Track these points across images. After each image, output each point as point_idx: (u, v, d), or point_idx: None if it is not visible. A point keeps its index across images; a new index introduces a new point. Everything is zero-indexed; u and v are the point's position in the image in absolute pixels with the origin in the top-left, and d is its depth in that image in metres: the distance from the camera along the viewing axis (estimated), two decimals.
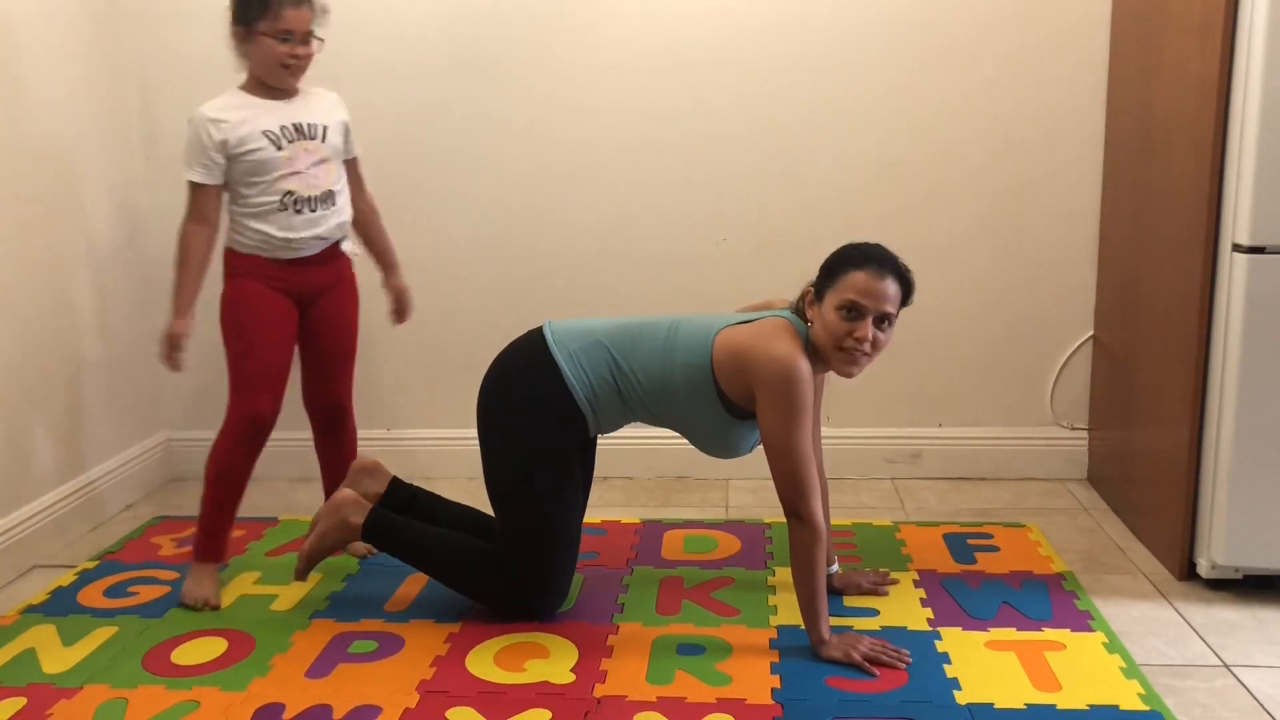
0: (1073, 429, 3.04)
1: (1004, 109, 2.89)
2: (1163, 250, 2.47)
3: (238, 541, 2.63)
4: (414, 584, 2.36)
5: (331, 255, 2.40)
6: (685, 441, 2.19)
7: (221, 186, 2.30)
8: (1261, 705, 1.86)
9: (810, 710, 1.84)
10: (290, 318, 2.37)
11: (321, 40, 2.33)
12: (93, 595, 2.37)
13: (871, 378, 2.15)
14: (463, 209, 3.03)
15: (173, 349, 2.32)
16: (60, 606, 2.31)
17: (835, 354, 1.99)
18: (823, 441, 2.98)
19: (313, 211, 2.33)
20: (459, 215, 3.03)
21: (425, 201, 3.04)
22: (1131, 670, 1.96)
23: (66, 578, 2.46)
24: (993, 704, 1.85)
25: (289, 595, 2.33)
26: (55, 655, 2.09)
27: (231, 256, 2.36)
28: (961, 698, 1.87)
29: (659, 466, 3.11)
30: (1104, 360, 2.92)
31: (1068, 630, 2.12)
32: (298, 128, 2.32)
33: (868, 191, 2.95)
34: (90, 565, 2.54)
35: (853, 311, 1.94)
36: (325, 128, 2.37)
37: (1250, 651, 2.05)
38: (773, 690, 1.91)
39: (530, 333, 2.18)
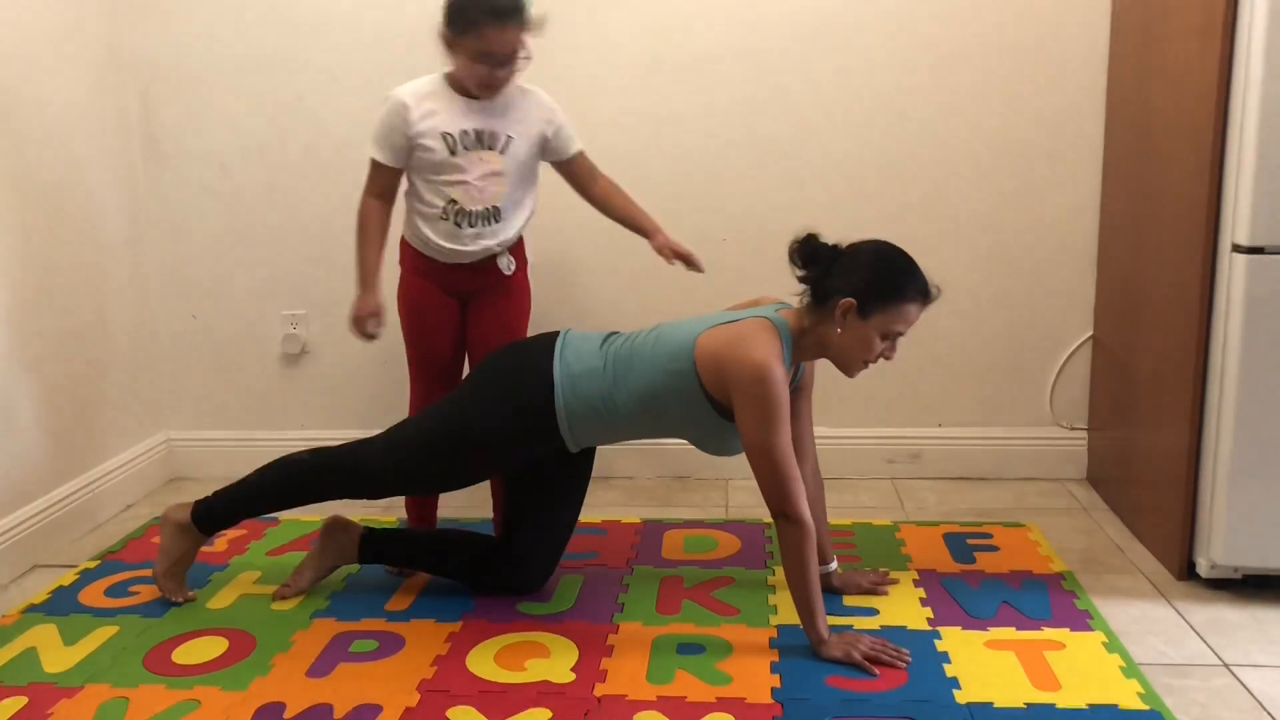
0: (1072, 429, 3.05)
1: (1004, 109, 2.89)
2: (1162, 250, 2.47)
3: (238, 541, 2.63)
4: (414, 583, 2.37)
5: (492, 261, 2.36)
6: (685, 441, 2.19)
7: (401, 171, 2.30)
8: (1261, 705, 1.86)
9: (810, 709, 1.84)
10: (453, 314, 2.38)
11: (528, 57, 2.23)
12: (94, 595, 2.37)
13: (872, 378, 2.16)
14: None
15: (358, 325, 2.33)
16: (61, 606, 2.31)
17: (856, 364, 2.04)
18: (824, 441, 3.00)
19: (472, 227, 2.28)
20: None
21: None
22: (1131, 670, 1.97)
23: (67, 577, 2.47)
24: (992, 703, 1.85)
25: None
26: (56, 655, 2.09)
27: (403, 246, 2.39)
28: (961, 697, 1.88)
29: (659, 466, 3.11)
30: (1104, 360, 2.92)
31: (1067, 630, 2.12)
32: (479, 135, 2.25)
33: (868, 191, 2.95)
34: (91, 565, 2.54)
35: (894, 338, 2.03)
36: (510, 139, 2.28)
37: (1250, 651, 2.05)
38: (773, 689, 1.91)
39: (545, 336, 2.18)
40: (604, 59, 2.93)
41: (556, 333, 2.18)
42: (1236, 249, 2.16)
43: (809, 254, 2.05)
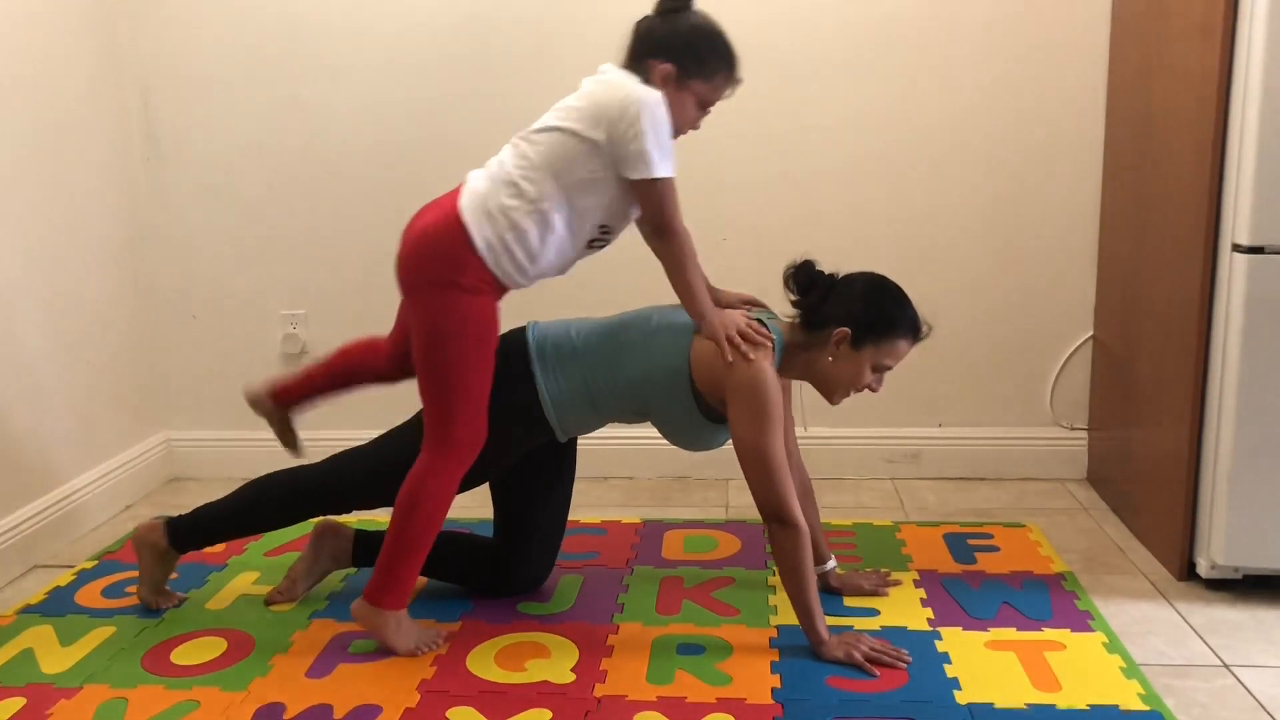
0: (1072, 429, 3.04)
1: (1004, 109, 2.89)
2: (1163, 250, 2.47)
3: (236, 542, 2.62)
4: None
5: None
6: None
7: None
8: (1261, 705, 1.86)
9: (810, 710, 1.84)
10: None
11: None
12: (90, 595, 2.36)
13: None
14: None
15: (743, 336, 1.97)
16: (57, 606, 2.31)
17: (840, 392, 2.08)
18: (824, 441, 3.00)
19: (587, 252, 2.07)
20: None
21: (426, 200, 3.03)
22: (1131, 670, 1.96)
23: (64, 578, 2.46)
24: (993, 704, 1.85)
25: None
26: (53, 655, 2.09)
27: (475, 263, 1.95)
28: (961, 697, 1.87)
29: (659, 466, 3.11)
30: (1104, 360, 2.92)
31: (1068, 630, 2.12)
32: None
33: (868, 191, 2.95)
34: (89, 565, 2.54)
35: (883, 370, 2.07)
36: None
37: (1250, 651, 2.05)
38: (773, 690, 1.91)
39: (513, 334, 2.14)
40: (605, 58, 2.92)
41: (523, 329, 2.15)
42: (1236, 249, 2.16)
43: (805, 280, 2.09)
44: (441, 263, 1.96)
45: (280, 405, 2.31)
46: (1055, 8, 2.83)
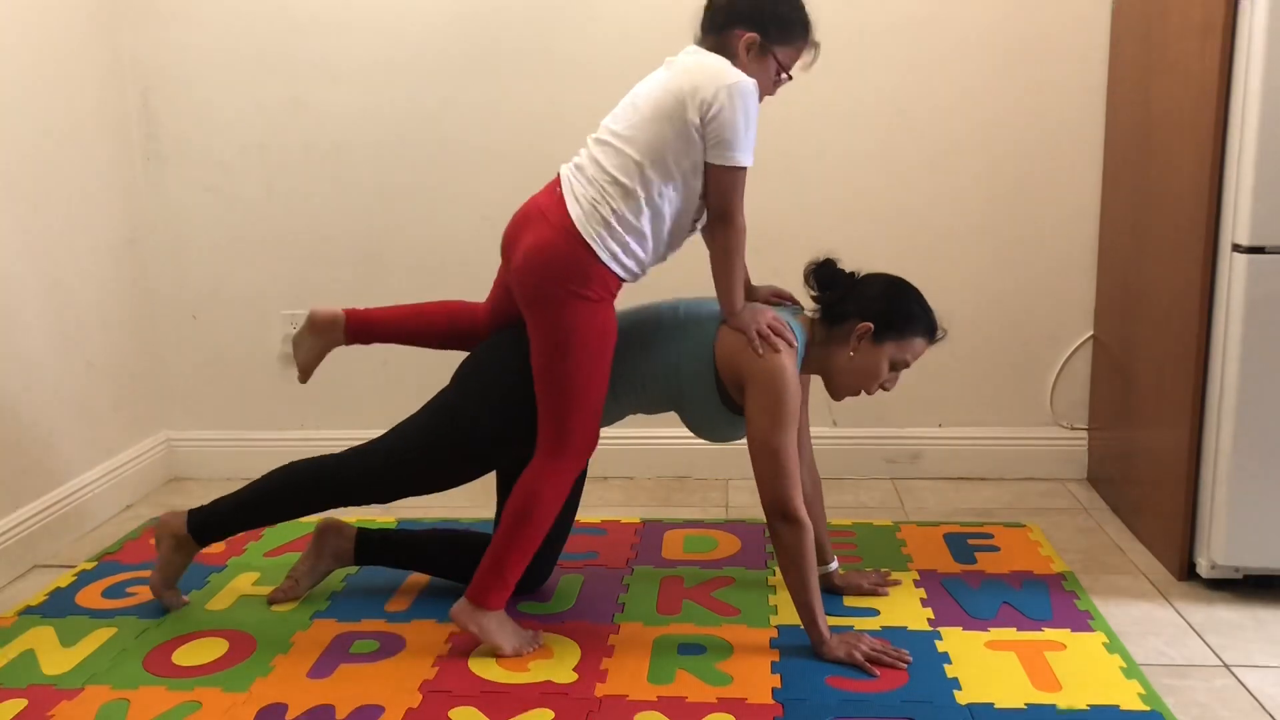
0: (1072, 429, 3.05)
1: (1004, 109, 2.89)
2: (1163, 250, 2.47)
3: (236, 542, 2.62)
4: (414, 584, 2.37)
5: None
6: (685, 441, 2.20)
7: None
8: (1261, 705, 1.86)
9: (810, 710, 1.84)
10: None
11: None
12: (91, 596, 2.36)
13: None
14: (464, 208, 3.03)
15: (772, 333, 1.99)
16: (58, 607, 2.31)
17: (852, 388, 2.10)
18: (824, 441, 3.00)
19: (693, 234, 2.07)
20: (460, 214, 3.03)
21: (427, 200, 3.04)
22: (1131, 670, 1.97)
23: (65, 578, 2.46)
24: (993, 704, 1.85)
25: None
26: (54, 656, 2.09)
27: (602, 272, 1.96)
28: (962, 697, 1.88)
29: (659, 466, 3.11)
30: (1104, 360, 2.92)
31: (1068, 630, 2.12)
32: None
33: (868, 191, 2.95)
34: (89, 566, 2.54)
35: (900, 369, 2.10)
36: None
37: (1250, 651, 2.05)
38: (773, 690, 1.91)
39: None
40: (606, 57, 2.92)
41: None
42: (1236, 249, 2.16)
43: (826, 278, 2.12)
44: (568, 276, 1.94)
45: (354, 333, 2.22)
46: (1055, 7, 2.83)
